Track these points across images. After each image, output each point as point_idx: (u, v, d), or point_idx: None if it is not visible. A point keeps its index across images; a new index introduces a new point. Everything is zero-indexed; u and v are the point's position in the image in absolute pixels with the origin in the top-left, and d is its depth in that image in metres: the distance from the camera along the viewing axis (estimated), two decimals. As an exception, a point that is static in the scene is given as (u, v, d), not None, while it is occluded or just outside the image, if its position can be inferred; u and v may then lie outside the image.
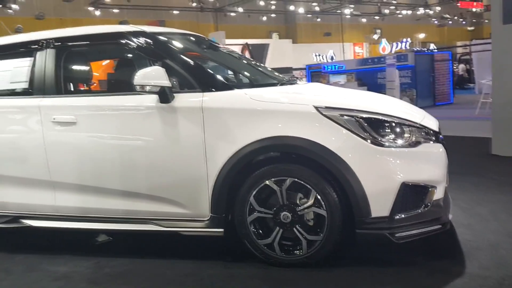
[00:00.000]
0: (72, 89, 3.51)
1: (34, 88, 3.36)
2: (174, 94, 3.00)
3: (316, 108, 2.83)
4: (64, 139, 3.23)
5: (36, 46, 3.43)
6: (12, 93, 3.52)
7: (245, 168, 2.92)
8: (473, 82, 19.23)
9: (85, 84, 3.78)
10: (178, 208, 3.08)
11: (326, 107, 2.85)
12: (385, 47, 22.41)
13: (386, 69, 14.62)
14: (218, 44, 4.40)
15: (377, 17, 31.89)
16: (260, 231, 2.97)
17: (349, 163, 2.74)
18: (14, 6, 19.80)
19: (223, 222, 3.00)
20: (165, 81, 2.91)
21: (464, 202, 4.06)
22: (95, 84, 4.27)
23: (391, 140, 2.82)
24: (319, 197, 2.82)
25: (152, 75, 2.91)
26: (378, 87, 14.83)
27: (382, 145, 2.79)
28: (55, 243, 3.65)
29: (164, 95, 2.96)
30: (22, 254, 3.44)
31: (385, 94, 13.29)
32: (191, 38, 3.89)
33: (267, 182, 2.90)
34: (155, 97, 2.98)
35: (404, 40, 22.85)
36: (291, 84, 3.62)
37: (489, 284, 2.56)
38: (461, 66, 22.37)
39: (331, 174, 2.79)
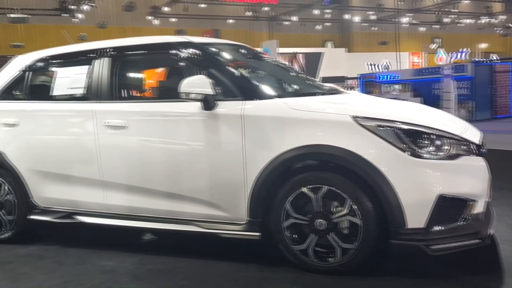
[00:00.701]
0: (124, 95, 3.75)
1: (90, 93, 3.63)
2: (217, 102, 3.15)
3: (354, 118, 2.88)
4: (115, 141, 3.46)
5: (93, 54, 3.71)
6: (70, 98, 3.82)
7: (283, 174, 3.01)
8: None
9: (136, 91, 4.02)
10: (217, 211, 3.21)
11: (364, 117, 2.89)
12: (443, 57, 21.77)
13: (443, 79, 14.23)
14: (264, 54, 4.53)
15: (436, 26, 30.99)
16: (295, 237, 3.04)
17: (385, 174, 2.77)
18: (79, 15, 21.05)
19: (260, 226, 3.10)
20: (208, 90, 3.06)
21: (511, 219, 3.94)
22: (147, 91, 4.51)
23: (429, 152, 2.82)
24: (354, 206, 2.86)
25: (196, 83, 3.07)
26: (433, 98, 14.46)
27: (419, 157, 2.79)
28: (104, 239, 3.89)
29: (207, 103, 3.12)
30: (74, 248, 3.71)
31: (440, 105, 13.01)
32: (236, 48, 4.04)
33: (303, 189, 2.97)
34: (199, 104, 3.14)
35: (463, 50, 22.11)
36: (333, 94, 3.67)
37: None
38: (525, 77, 21.29)
39: (367, 183, 2.83)
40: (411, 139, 2.83)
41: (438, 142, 2.86)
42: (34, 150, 3.80)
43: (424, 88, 16.20)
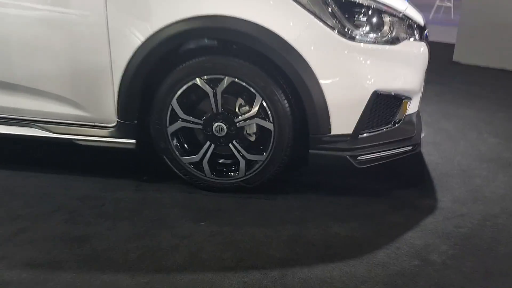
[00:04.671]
0: None
1: None
2: None
3: (270, -21, 2.00)
4: None
5: None
6: None
7: (167, 59, 2.12)
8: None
9: None
10: (71, 108, 2.25)
11: (284, -20, 2.01)
12: None
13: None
14: None
15: None
16: (185, 146, 2.27)
17: (308, 61, 2.01)
18: None
19: (135, 131, 2.25)
20: None
21: (429, 115, 3.52)
22: None
23: (365, 33, 2.10)
24: (265, 105, 2.11)
25: None
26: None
27: (352, 38, 2.06)
28: None
29: None
30: None
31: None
32: None
33: (197, 80, 2.13)
34: None
35: None
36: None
37: (468, 225, 2.05)
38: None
39: (283, 74, 2.07)
40: (344, 13, 2.06)
41: (376, 20, 2.13)
42: None
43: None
